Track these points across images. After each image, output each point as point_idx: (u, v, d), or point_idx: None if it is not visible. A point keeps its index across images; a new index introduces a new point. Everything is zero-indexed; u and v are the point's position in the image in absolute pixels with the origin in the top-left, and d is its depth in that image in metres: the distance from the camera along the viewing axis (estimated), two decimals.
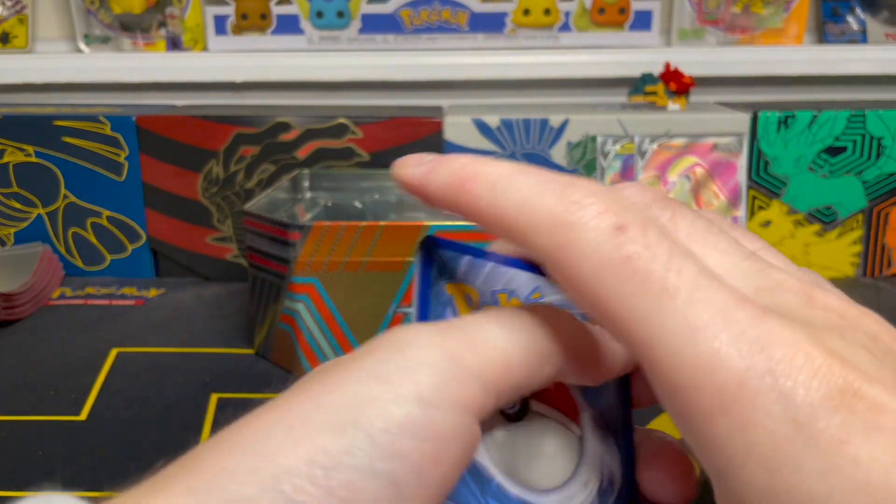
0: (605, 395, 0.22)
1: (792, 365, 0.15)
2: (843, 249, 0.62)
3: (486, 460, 0.20)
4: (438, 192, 0.19)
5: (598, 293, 0.16)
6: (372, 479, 0.16)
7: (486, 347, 0.18)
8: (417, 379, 0.17)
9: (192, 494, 0.15)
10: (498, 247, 0.22)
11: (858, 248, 0.62)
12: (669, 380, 0.16)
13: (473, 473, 0.19)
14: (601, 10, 0.73)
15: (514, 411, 0.21)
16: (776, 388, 0.15)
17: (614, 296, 0.16)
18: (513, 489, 0.20)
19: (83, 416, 0.42)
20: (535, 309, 0.19)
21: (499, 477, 0.20)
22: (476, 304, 0.21)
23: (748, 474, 0.15)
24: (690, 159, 0.61)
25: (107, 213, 0.63)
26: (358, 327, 0.46)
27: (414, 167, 0.20)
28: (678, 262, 0.16)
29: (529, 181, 0.18)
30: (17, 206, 0.63)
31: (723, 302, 0.16)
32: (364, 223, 0.44)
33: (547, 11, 0.73)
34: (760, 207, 0.61)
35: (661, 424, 0.39)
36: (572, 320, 0.19)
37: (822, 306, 0.17)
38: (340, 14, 0.74)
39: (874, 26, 0.74)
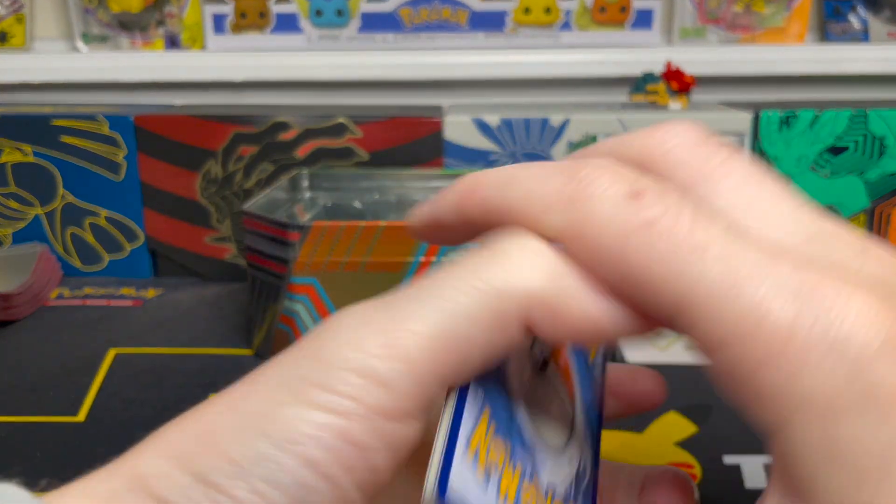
0: (593, 390, 0.22)
1: (843, 313, 0.14)
2: None
3: (515, 394, 0.20)
4: (450, 213, 0.19)
5: (623, 263, 0.16)
6: (279, 489, 0.16)
7: (408, 338, 0.17)
8: (329, 385, 0.16)
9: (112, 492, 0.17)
10: None
11: None
12: (712, 337, 0.15)
13: (505, 401, 0.19)
14: (602, 9, 0.73)
15: (540, 361, 0.21)
16: (827, 338, 0.14)
17: (641, 263, 0.16)
18: (526, 431, 0.19)
19: (81, 416, 0.42)
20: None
21: (520, 413, 0.20)
22: None
23: (801, 428, 0.14)
24: None
25: (105, 212, 0.63)
26: None
27: (419, 210, 0.20)
28: (703, 220, 0.16)
29: (533, 171, 0.18)
30: (15, 205, 0.63)
31: (759, 253, 0.15)
32: (364, 223, 0.44)
33: (548, 10, 0.73)
34: None
35: (660, 428, 0.39)
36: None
37: (876, 258, 0.17)
38: (340, 13, 0.74)
39: (876, 25, 0.73)
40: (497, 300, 0.17)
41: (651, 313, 0.16)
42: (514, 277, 0.17)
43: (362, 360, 0.16)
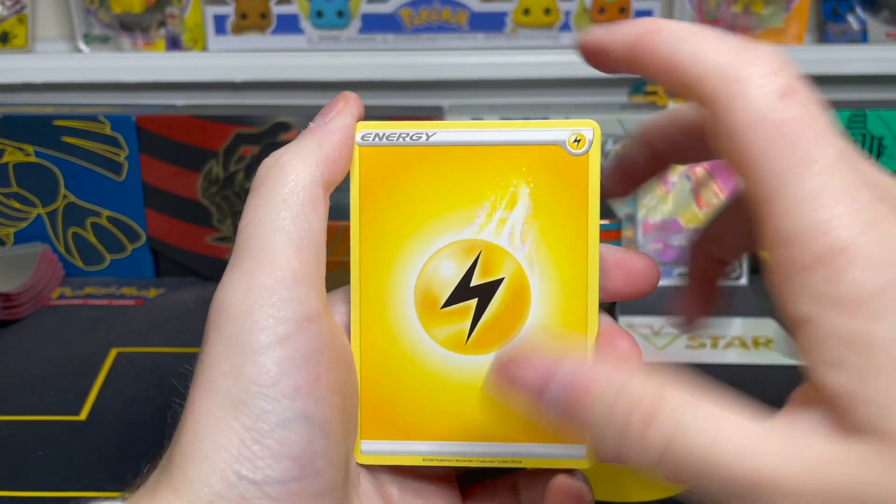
0: None
1: (892, 241, 0.17)
2: None
3: None
4: (620, 47, 0.21)
5: (745, 146, 0.18)
6: (290, 429, 0.21)
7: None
8: None
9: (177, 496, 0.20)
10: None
11: None
12: (780, 233, 0.18)
13: None
14: (601, 10, 0.73)
15: None
16: (880, 255, 0.17)
17: (759, 151, 0.18)
18: None
19: (83, 415, 0.42)
20: None
21: None
22: None
23: (832, 320, 0.17)
24: None
25: (106, 212, 0.63)
26: None
27: (594, 32, 0.22)
28: (828, 138, 0.18)
29: (709, 34, 0.20)
30: (17, 205, 0.63)
31: (851, 181, 0.18)
32: None
33: (547, 11, 0.73)
34: None
35: None
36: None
37: None
38: (340, 14, 0.74)
39: (875, 26, 0.74)
40: None
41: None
42: None
43: None
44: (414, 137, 0.25)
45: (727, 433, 0.17)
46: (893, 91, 0.75)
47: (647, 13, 0.74)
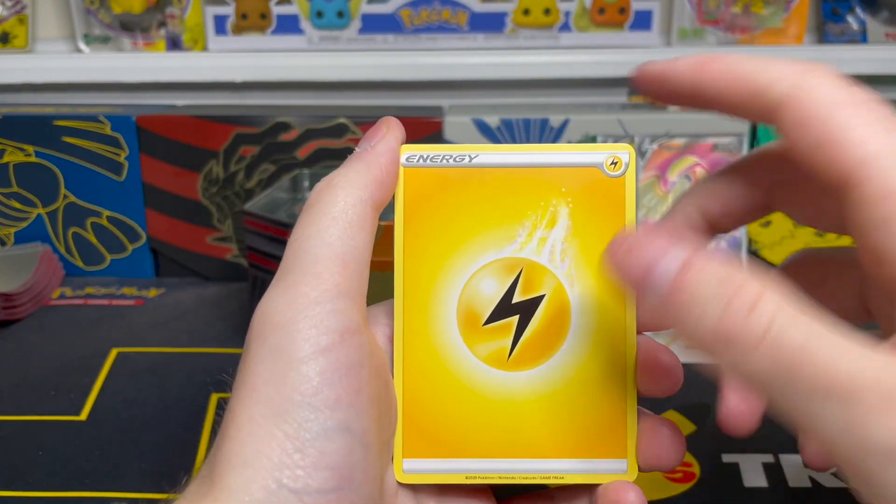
0: None
1: None
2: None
3: None
4: (685, 72, 0.22)
5: (826, 124, 0.20)
6: (331, 439, 0.21)
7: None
8: None
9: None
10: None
11: None
12: (874, 198, 0.19)
13: None
14: (601, 10, 0.73)
15: None
16: None
17: (841, 125, 0.20)
18: None
19: (83, 415, 0.42)
20: None
21: None
22: None
23: None
24: (690, 159, 0.61)
25: (107, 212, 0.63)
26: None
27: (651, 64, 0.24)
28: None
29: (764, 57, 0.22)
30: (17, 205, 0.63)
31: None
32: None
33: (547, 11, 0.73)
34: None
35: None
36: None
37: None
38: (340, 14, 0.74)
39: (874, 26, 0.74)
40: None
41: (816, 169, 0.20)
42: None
43: None
44: (457, 159, 0.26)
45: (827, 333, 0.17)
46: (893, 91, 0.75)
47: (647, 13, 0.74)
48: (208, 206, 0.63)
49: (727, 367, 0.19)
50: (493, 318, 0.25)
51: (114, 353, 0.49)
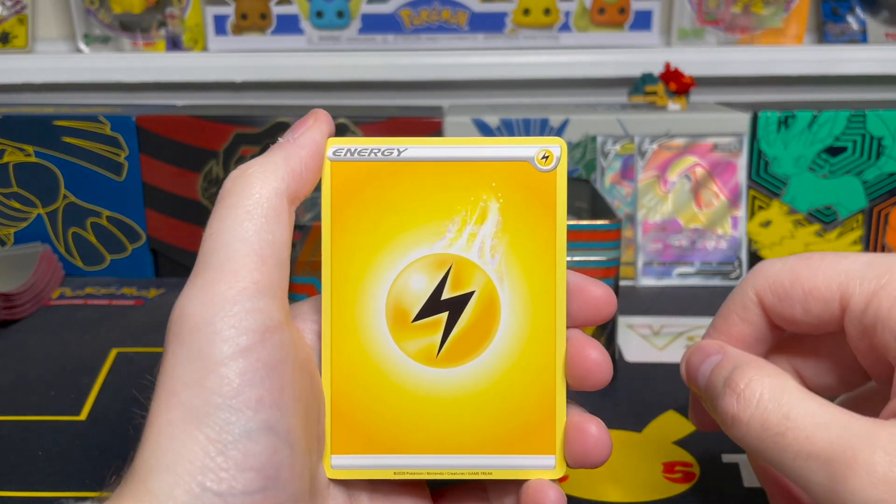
0: None
1: None
2: (843, 249, 0.62)
3: None
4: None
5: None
6: (254, 440, 0.21)
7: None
8: None
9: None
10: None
11: (859, 248, 0.62)
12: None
13: None
14: (601, 10, 0.73)
15: None
16: None
17: None
18: None
19: (83, 415, 0.42)
20: None
21: None
22: None
23: None
24: (690, 159, 0.61)
25: (107, 213, 0.63)
26: None
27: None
28: None
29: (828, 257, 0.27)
30: (17, 206, 0.63)
31: None
32: None
33: (547, 11, 0.73)
34: (760, 207, 0.61)
35: (659, 427, 0.39)
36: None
37: None
38: (340, 14, 0.74)
39: (874, 26, 0.74)
40: None
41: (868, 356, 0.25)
42: None
43: None
44: (385, 153, 0.25)
45: (810, 404, 0.22)
46: (893, 91, 0.75)
47: (647, 13, 0.74)
48: (208, 206, 0.63)
49: (739, 444, 0.24)
50: (422, 314, 0.25)
51: (114, 353, 0.49)
